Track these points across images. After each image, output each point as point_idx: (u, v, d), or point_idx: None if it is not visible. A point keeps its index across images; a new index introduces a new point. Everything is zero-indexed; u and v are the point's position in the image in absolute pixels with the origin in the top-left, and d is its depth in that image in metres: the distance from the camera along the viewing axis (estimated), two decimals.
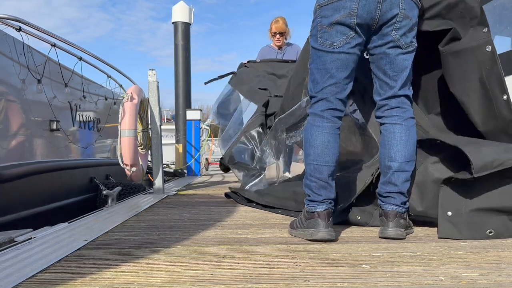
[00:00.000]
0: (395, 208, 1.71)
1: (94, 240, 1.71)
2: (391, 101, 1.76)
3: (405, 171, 1.72)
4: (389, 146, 1.74)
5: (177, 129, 6.79)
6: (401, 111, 1.76)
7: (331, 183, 1.71)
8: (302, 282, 1.15)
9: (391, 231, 1.68)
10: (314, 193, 1.70)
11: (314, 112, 1.74)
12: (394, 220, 1.69)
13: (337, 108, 1.72)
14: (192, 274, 1.22)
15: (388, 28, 1.66)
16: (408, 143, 1.73)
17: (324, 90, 1.71)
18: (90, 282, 1.15)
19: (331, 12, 1.64)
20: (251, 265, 1.31)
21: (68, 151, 4.41)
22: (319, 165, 1.69)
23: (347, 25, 1.63)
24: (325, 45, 1.68)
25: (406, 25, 1.67)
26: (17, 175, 3.32)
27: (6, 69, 3.34)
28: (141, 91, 3.63)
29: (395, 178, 1.72)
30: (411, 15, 1.67)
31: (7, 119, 3.33)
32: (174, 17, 6.86)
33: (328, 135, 1.70)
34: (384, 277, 1.19)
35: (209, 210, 2.52)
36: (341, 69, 1.68)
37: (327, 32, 1.66)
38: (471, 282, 1.14)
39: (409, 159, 1.73)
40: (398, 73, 1.72)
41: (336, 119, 1.73)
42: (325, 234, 1.62)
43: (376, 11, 1.62)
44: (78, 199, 4.44)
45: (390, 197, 1.73)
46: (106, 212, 2.54)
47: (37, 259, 1.39)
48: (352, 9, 1.61)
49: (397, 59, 1.70)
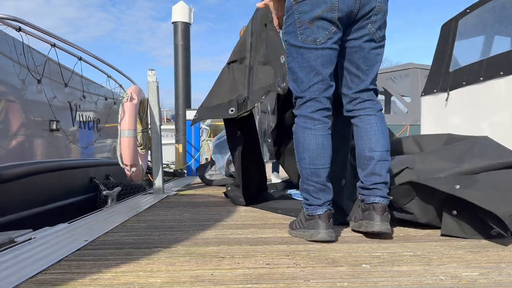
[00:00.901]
0: (382, 200, 1.67)
1: (94, 240, 1.71)
2: (362, 95, 1.76)
3: (387, 160, 1.71)
4: (368, 137, 1.71)
5: (177, 129, 6.79)
6: (373, 103, 1.76)
7: (328, 185, 1.68)
8: (302, 282, 1.15)
9: (378, 225, 1.62)
10: (312, 197, 1.67)
11: (304, 114, 1.70)
12: (384, 214, 1.64)
13: (326, 107, 1.70)
14: (192, 274, 1.22)
15: (365, 21, 1.66)
16: (384, 133, 1.73)
17: (311, 88, 1.68)
18: (90, 283, 1.15)
19: (310, 7, 1.61)
20: (251, 265, 1.31)
21: (68, 151, 4.41)
22: (316, 168, 1.66)
23: (329, 20, 1.61)
24: (307, 42, 1.64)
25: (381, 18, 1.68)
26: (17, 175, 3.32)
27: (6, 69, 3.34)
28: (141, 91, 3.63)
29: (379, 168, 1.69)
30: (385, 8, 1.68)
31: (7, 119, 3.33)
32: (174, 17, 6.86)
33: (321, 137, 1.67)
34: (384, 276, 1.19)
35: (209, 210, 2.52)
36: (326, 65, 1.66)
37: (308, 28, 1.62)
38: (471, 281, 1.14)
39: (388, 148, 1.73)
40: (370, 67, 1.73)
41: (326, 119, 1.70)
42: (325, 235, 1.61)
43: (356, 4, 1.61)
44: (78, 199, 4.44)
45: (376, 188, 1.68)
46: (106, 212, 2.54)
47: (37, 260, 1.39)
48: (333, 3, 1.59)
49: (371, 53, 1.71)
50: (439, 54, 4.07)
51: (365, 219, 1.68)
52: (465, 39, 3.94)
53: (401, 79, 8.21)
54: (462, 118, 3.61)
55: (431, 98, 4.09)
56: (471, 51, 3.82)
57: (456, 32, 3.90)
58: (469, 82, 3.49)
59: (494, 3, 3.45)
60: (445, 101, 3.81)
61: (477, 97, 3.40)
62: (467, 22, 3.83)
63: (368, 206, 1.68)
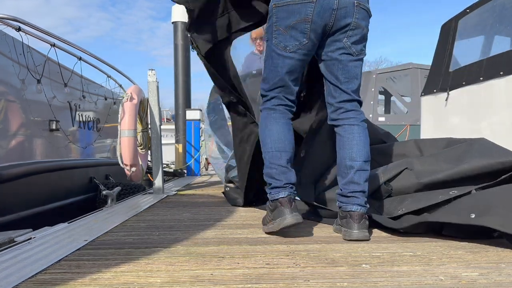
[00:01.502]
0: (359, 208, 1.70)
1: (94, 240, 1.71)
2: (346, 105, 1.80)
3: (366, 170, 1.75)
4: (349, 147, 1.76)
5: (177, 129, 6.78)
6: (357, 113, 1.80)
7: (290, 168, 1.74)
8: (302, 282, 1.15)
9: (355, 233, 1.66)
10: (275, 179, 1.73)
11: (266, 107, 1.82)
12: (361, 221, 1.67)
13: (287, 104, 1.81)
14: (192, 274, 1.22)
15: (340, 35, 1.70)
16: (366, 144, 1.77)
17: (274, 90, 1.79)
18: (90, 282, 1.15)
19: (287, 15, 1.66)
20: (251, 265, 1.31)
21: (67, 151, 4.40)
22: (278, 151, 1.74)
23: (301, 31, 1.66)
24: (278, 47, 1.72)
25: (358, 33, 1.71)
26: (16, 175, 3.32)
27: (5, 69, 3.33)
28: (141, 91, 3.63)
29: (357, 177, 1.73)
30: (363, 25, 1.71)
31: (6, 119, 3.32)
32: (173, 17, 6.85)
33: (282, 124, 1.77)
34: (384, 276, 1.19)
35: (209, 210, 2.52)
36: (291, 73, 1.75)
37: (281, 34, 1.69)
38: (471, 281, 1.14)
39: (368, 159, 1.77)
40: (350, 79, 1.77)
41: (287, 111, 1.81)
42: (291, 220, 1.65)
43: (331, 18, 1.65)
44: (77, 199, 4.44)
45: (354, 197, 1.72)
46: (106, 212, 2.54)
47: (37, 260, 1.39)
48: (308, 15, 1.63)
49: (349, 65, 1.75)
50: (439, 54, 4.07)
51: (343, 226, 1.72)
52: (465, 39, 3.94)
53: (401, 79, 8.21)
54: (462, 118, 3.61)
55: (431, 98, 4.09)
56: (471, 51, 3.82)
57: (456, 32, 3.90)
58: (469, 82, 3.49)
59: (494, 3, 3.44)
60: (445, 101, 3.81)
61: (477, 97, 3.40)
62: (467, 22, 3.83)
63: (346, 214, 1.72)
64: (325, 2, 1.62)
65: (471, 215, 1.55)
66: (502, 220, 1.47)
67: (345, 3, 1.64)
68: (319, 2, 1.62)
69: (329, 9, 1.63)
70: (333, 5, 1.63)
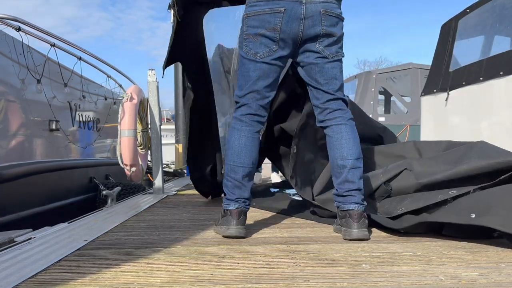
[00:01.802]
0: (357, 207, 1.71)
1: (94, 240, 1.71)
2: (331, 104, 1.82)
3: (359, 167, 1.77)
4: (339, 146, 1.78)
5: (177, 129, 6.78)
6: (342, 112, 1.82)
7: (245, 184, 1.77)
8: (302, 282, 1.15)
9: (355, 232, 1.67)
10: (229, 192, 1.78)
11: (235, 116, 1.84)
12: (360, 220, 1.69)
13: (257, 113, 1.81)
14: (192, 274, 1.22)
15: (312, 42, 1.74)
16: (355, 142, 1.79)
17: (246, 96, 1.80)
18: (90, 282, 1.15)
19: (257, 24, 1.71)
20: (251, 265, 1.31)
21: (67, 151, 4.40)
22: (235, 165, 1.77)
23: (270, 38, 1.71)
24: (249, 54, 1.75)
25: (330, 39, 1.75)
26: (16, 175, 3.32)
27: (5, 69, 3.33)
28: (141, 91, 3.63)
29: (351, 175, 1.74)
30: (333, 31, 1.74)
31: (6, 119, 3.32)
32: None
33: (245, 138, 1.78)
34: (384, 276, 1.19)
35: (209, 210, 2.52)
36: (262, 78, 1.76)
37: (252, 42, 1.74)
38: (471, 281, 1.14)
39: (359, 156, 1.78)
40: (329, 80, 1.79)
41: (255, 123, 1.81)
42: (233, 232, 1.71)
43: (299, 27, 1.69)
44: (77, 199, 4.44)
45: (350, 195, 1.74)
46: (106, 212, 2.54)
47: (37, 259, 1.39)
48: (276, 25, 1.68)
49: (325, 67, 1.77)
50: (439, 54, 4.07)
51: (343, 226, 1.73)
52: (465, 39, 3.94)
53: (401, 79, 8.20)
54: (462, 118, 3.61)
55: (431, 98, 4.09)
56: (471, 51, 3.82)
57: (456, 32, 3.90)
58: (469, 82, 3.49)
59: (494, 3, 3.44)
60: (445, 101, 3.81)
61: (477, 97, 3.40)
62: (467, 22, 3.83)
63: (345, 213, 1.73)
64: (292, 12, 1.67)
65: (471, 215, 1.55)
66: (502, 220, 1.47)
67: (311, 12, 1.68)
68: (287, 12, 1.67)
69: (297, 19, 1.68)
70: (300, 15, 1.68)
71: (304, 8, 1.67)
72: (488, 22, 3.60)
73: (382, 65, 29.06)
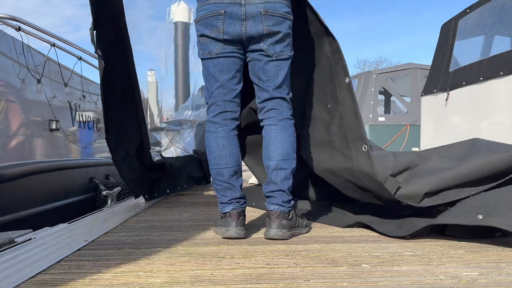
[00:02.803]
0: (277, 208, 1.72)
1: (94, 240, 1.71)
2: (268, 104, 1.81)
3: (283, 169, 1.75)
4: (267, 147, 1.78)
5: None
6: (277, 112, 1.80)
7: (234, 183, 1.78)
8: (302, 282, 1.15)
9: (273, 232, 1.69)
10: (221, 196, 1.79)
11: (208, 119, 1.84)
12: (277, 221, 1.70)
13: (227, 110, 1.80)
14: (192, 274, 1.22)
15: (256, 41, 1.73)
16: (284, 142, 1.76)
17: (213, 94, 1.81)
18: (90, 283, 1.15)
19: (203, 27, 1.74)
20: (251, 265, 1.31)
21: (67, 151, 4.41)
22: (219, 168, 1.77)
23: (217, 39, 1.74)
24: (205, 54, 1.78)
25: (274, 38, 1.73)
26: (16, 175, 3.32)
27: (5, 69, 3.34)
28: (141, 91, 3.63)
29: (274, 176, 1.75)
30: (278, 29, 1.72)
31: (6, 119, 3.33)
32: (174, 17, 6.85)
33: (222, 139, 1.78)
34: (384, 276, 1.19)
35: (209, 210, 2.52)
36: (223, 71, 1.77)
37: (204, 43, 1.77)
38: (471, 281, 1.14)
39: (286, 157, 1.75)
40: (270, 77, 1.78)
41: (228, 121, 1.80)
42: (233, 233, 1.71)
43: (242, 29, 1.71)
44: (77, 199, 4.44)
45: (272, 196, 1.75)
46: (106, 213, 2.54)
47: (37, 260, 1.39)
48: (219, 27, 1.71)
49: (268, 65, 1.77)
50: (439, 54, 4.07)
51: (266, 226, 1.76)
52: (465, 39, 3.94)
53: (401, 79, 8.20)
54: (462, 118, 3.61)
55: (431, 98, 4.09)
56: (471, 51, 3.82)
57: (456, 32, 3.90)
58: (469, 82, 3.49)
59: (494, 3, 3.45)
60: (445, 101, 3.82)
61: (477, 97, 3.40)
62: (467, 22, 3.83)
63: (268, 213, 1.75)
64: (232, 14, 1.69)
65: (478, 216, 1.54)
66: (510, 220, 1.47)
67: (251, 13, 1.69)
68: (227, 15, 1.69)
69: (238, 20, 1.70)
70: (240, 16, 1.69)
71: (244, 9, 1.69)
72: (488, 22, 3.60)
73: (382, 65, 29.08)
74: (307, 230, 1.84)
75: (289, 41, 1.78)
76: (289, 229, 1.73)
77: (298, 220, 1.80)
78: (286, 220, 1.72)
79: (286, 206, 1.74)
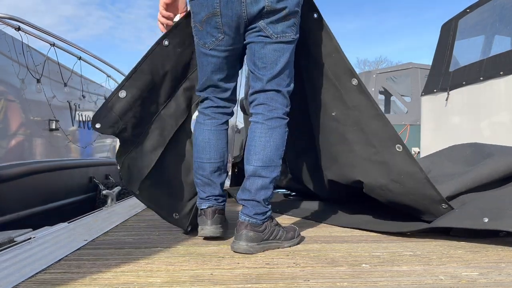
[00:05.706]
0: (247, 219, 1.50)
1: (94, 240, 1.71)
2: (258, 96, 1.57)
3: (262, 177, 1.50)
4: (248, 148, 1.55)
5: None
6: (267, 109, 1.54)
7: (215, 180, 1.65)
8: (302, 281, 1.15)
9: (236, 245, 1.48)
10: (200, 190, 1.67)
11: (199, 109, 1.72)
12: (243, 232, 1.48)
13: (219, 105, 1.68)
14: (192, 274, 1.22)
15: (256, 20, 1.49)
16: (267, 146, 1.51)
17: (206, 90, 1.67)
18: (90, 282, 1.15)
19: (198, 9, 1.52)
20: (251, 265, 1.31)
21: (67, 150, 4.41)
22: (202, 162, 1.65)
23: (214, 26, 1.51)
24: (200, 45, 1.59)
25: (276, 16, 1.47)
26: (16, 175, 3.32)
27: (5, 68, 3.33)
28: None
29: (249, 183, 1.51)
30: (281, 6, 1.45)
31: (6, 118, 3.32)
32: None
33: (208, 132, 1.65)
34: (384, 276, 1.19)
35: None
36: (216, 72, 1.61)
37: (199, 31, 1.56)
38: (470, 281, 1.14)
39: (267, 163, 1.50)
40: (267, 64, 1.52)
41: (218, 115, 1.68)
42: (207, 232, 1.62)
43: (241, 7, 1.46)
44: (77, 199, 4.44)
45: (244, 206, 1.53)
46: (106, 212, 2.54)
47: (36, 259, 1.39)
48: (215, 8, 1.47)
49: (265, 48, 1.51)
50: (439, 54, 4.07)
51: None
52: (465, 39, 3.94)
53: (401, 79, 8.21)
54: (462, 118, 3.61)
55: (431, 98, 4.09)
56: (471, 51, 3.82)
57: (456, 32, 3.90)
58: (469, 82, 3.49)
59: (494, 3, 3.45)
60: (445, 101, 3.82)
61: (477, 97, 3.41)
62: (467, 22, 3.83)
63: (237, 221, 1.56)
64: None
65: (484, 219, 1.53)
66: None
67: None
68: None
69: None
70: None
71: None
72: (488, 22, 3.60)
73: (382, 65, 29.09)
74: (292, 244, 1.58)
75: (295, 21, 1.51)
76: (259, 243, 1.49)
77: (278, 233, 1.55)
78: (255, 232, 1.48)
79: (258, 219, 1.50)
